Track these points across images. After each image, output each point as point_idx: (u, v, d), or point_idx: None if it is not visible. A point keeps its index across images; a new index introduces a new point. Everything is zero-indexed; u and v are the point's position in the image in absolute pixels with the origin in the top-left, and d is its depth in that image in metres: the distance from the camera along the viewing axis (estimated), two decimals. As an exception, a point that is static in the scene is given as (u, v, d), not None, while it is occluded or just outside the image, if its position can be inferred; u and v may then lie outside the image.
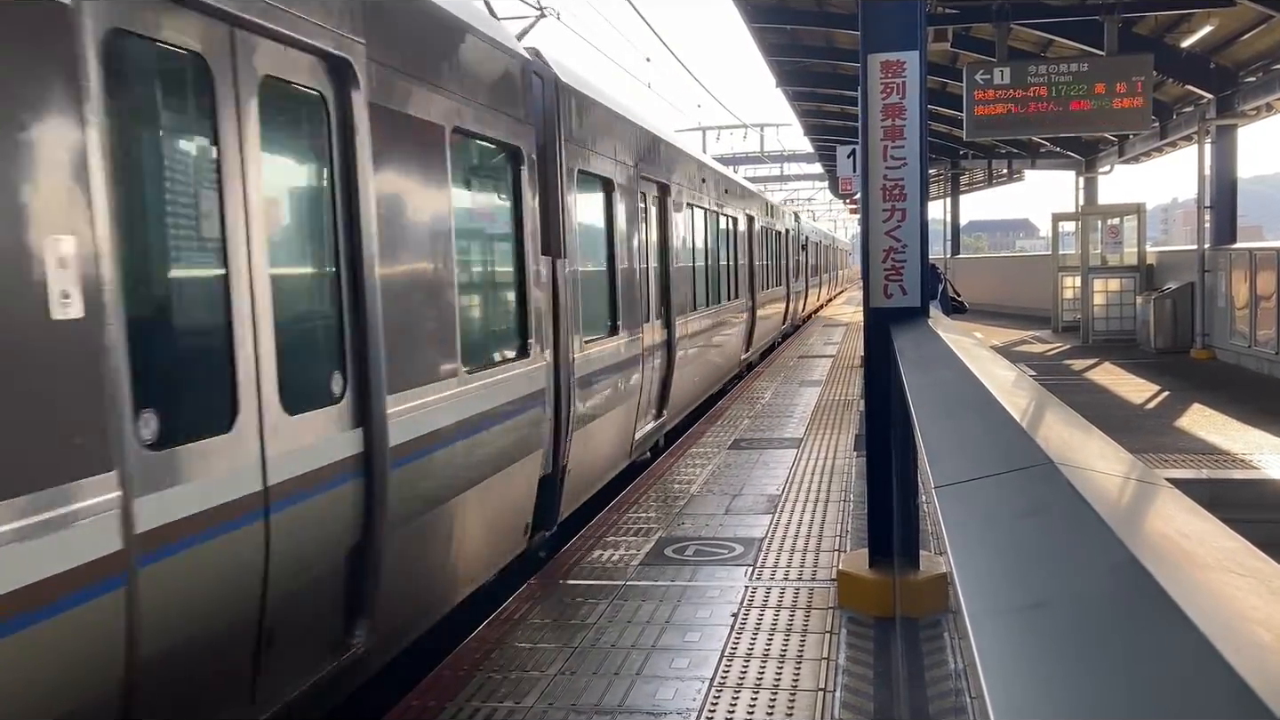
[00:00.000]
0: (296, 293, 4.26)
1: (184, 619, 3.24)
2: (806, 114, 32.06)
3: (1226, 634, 0.83)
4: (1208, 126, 18.19)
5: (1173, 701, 0.76)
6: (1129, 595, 0.97)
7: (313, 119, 4.20)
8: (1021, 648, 0.91)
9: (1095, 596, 1.01)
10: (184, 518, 3.22)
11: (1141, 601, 0.94)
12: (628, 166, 9.45)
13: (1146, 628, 0.90)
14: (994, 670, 0.86)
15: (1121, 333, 21.06)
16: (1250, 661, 0.77)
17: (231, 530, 3.49)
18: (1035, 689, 0.83)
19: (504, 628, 5.54)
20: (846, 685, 4.71)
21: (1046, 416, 2.32)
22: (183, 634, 3.24)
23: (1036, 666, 0.87)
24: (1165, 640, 0.85)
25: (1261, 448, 10.13)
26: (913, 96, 5.80)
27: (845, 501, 8.14)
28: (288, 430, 3.82)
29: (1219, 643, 0.81)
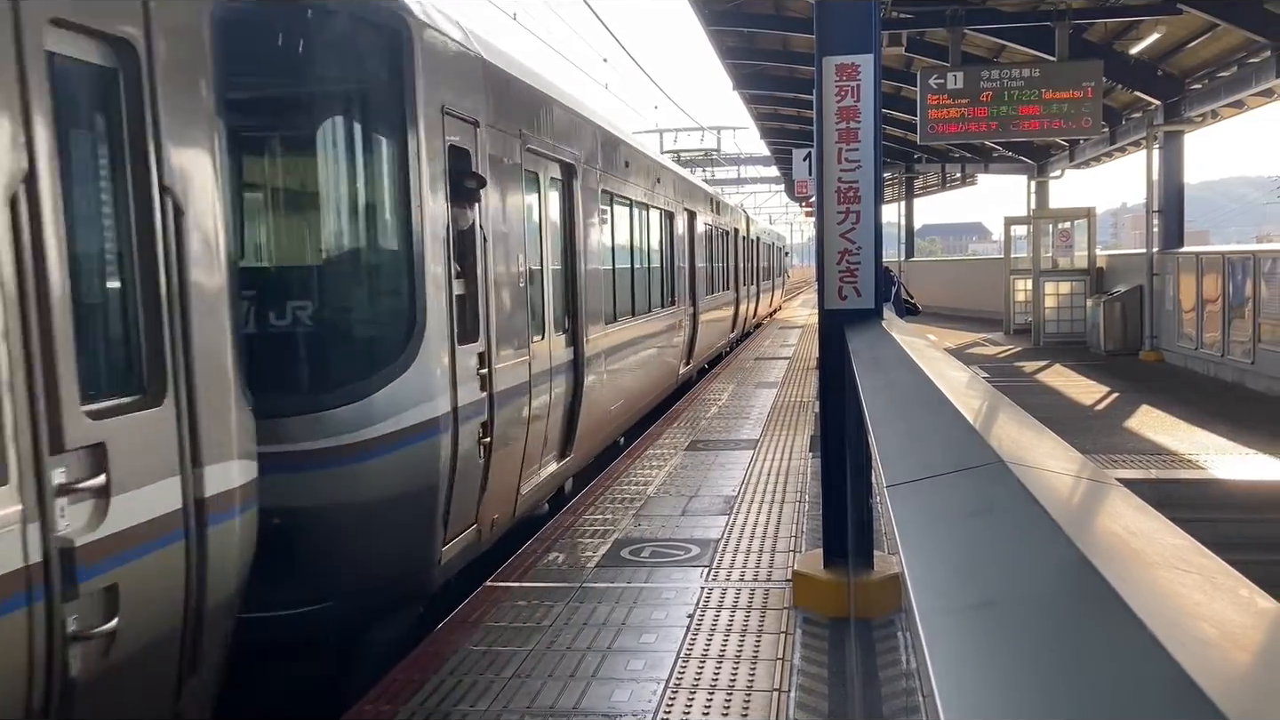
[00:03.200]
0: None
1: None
2: (763, 117, 32.22)
3: (1172, 630, 0.84)
4: (1156, 132, 18.50)
5: (1120, 697, 0.76)
6: (1077, 593, 0.98)
7: None
8: (971, 646, 0.91)
9: (1044, 595, 1.01)
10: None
11: (1089, 599, 0.94)
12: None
13: (1094, 625, 0.90)
14: (944, 669, 0.86)
15: (1072, 335, 21.35)
16: (1195, 657, 0.78)
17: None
18: (985, 687, 0.83)
19: (459, 631, 5.50)
20: (801, 685, 4.73)
21: (998, 417, 2.34)
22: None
23: (986, 664, 0.87)
24: (1112, 637, 0.86)
25: (1208, 448, 10.31)
26: (867, 100, 5.84)
27: (801, 502, 8.18)
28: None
29: (1165, 639, 0.81)
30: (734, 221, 24.07)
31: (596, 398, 9.44)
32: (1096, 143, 22.79)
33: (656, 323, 13.19)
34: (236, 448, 3.87)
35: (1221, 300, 15.22)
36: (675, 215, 15.07)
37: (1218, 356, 15.42)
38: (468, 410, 5.93)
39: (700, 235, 17.40)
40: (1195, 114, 18.13)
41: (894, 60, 20.06)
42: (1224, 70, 17.13)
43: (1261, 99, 17.18)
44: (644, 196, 12.49)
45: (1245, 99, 16.93)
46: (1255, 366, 14.10)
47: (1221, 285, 15.22)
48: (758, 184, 71.29)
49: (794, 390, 15.27)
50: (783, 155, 39.35)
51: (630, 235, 12.00)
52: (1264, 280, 13.85)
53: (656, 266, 13.76)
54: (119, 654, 3.22)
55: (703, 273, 17.60)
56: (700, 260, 17.28)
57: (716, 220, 20.05)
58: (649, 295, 12.88)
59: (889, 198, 36.88)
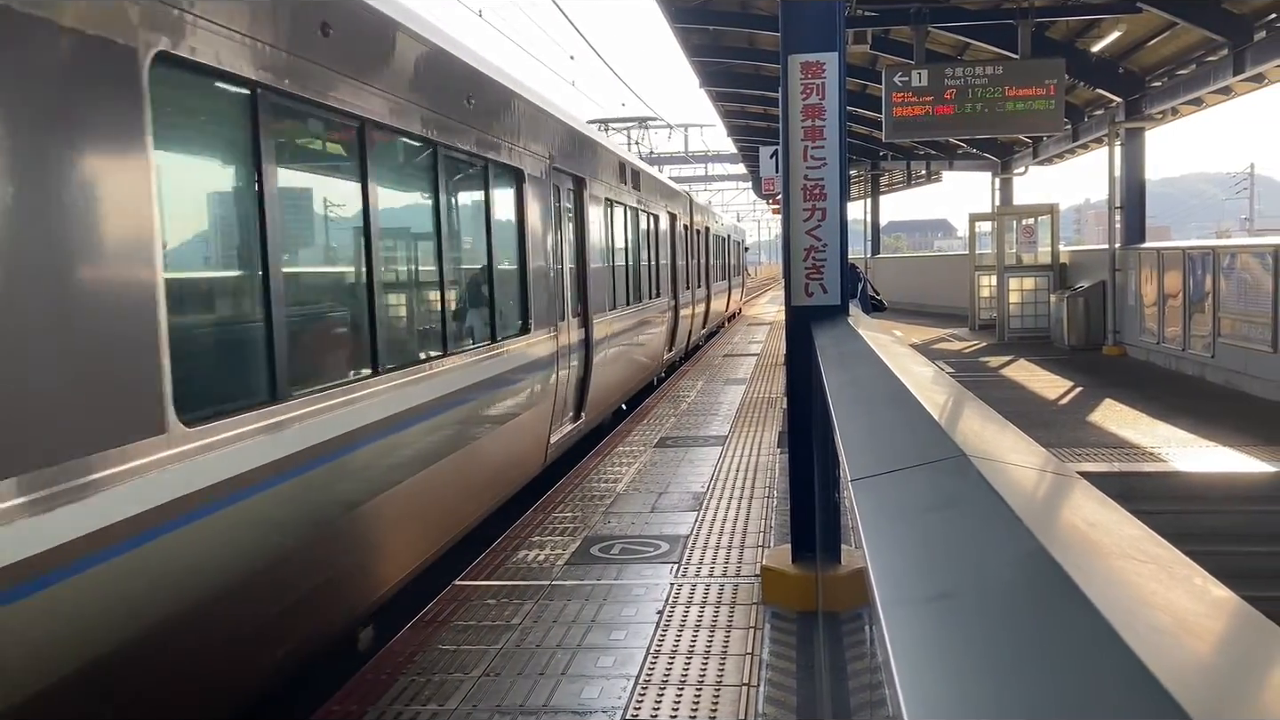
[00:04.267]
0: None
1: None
2: (730, 115, 32.27)
3: (1128, 619, 0.85)
4: (1117, 129, 18.71)
5: (1076, 685, 0.77)
6: (1035, 583, 0.99)
7: None
8: (931, 637, 0.93)
9: (1003, 585, 1.02)
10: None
11: (1047, 589, 0.95)
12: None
13: (1051, 614, 0.91)
14: (905, 660, 0.87)
15: (1036, 330, 21.56)
16: (1149, 645, 0.79)
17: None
18: (944, 676, 0.84)
19: (427, 630, 5.49)
20: (770, 680, 4.75)
21: (961, 411, 2.36)
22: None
23: (946, 655, 0.88)
24: (1069, 626, 0.87)
25: (1170, 441, 10.45)
26: (832, 97, 5.87)
27: (769, 498, 8.21)
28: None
29: (1120, 627, 0.82)
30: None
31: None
32: (1059, 139, 23.01)
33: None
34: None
35: (1182, 295, 15.41)
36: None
37: (1179, 351, 15.62)
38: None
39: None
40: (1155, 111, 18.35)
41: (859, 58, 20.16)
42: (1183, 68, 17.35)
43: (1219, 96, 17.40)
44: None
45: (1204, 96, 17.15)
46: (1215, 360, 14.30)
47: (1182, 280, 15.42)
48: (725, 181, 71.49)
49: (762, 387, 15.32)
50: (750, 153, 39.45)
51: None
52: (1223, 275, 14.05)
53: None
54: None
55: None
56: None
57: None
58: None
59: (855, 195, 37.09)
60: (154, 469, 3.54)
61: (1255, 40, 14.69)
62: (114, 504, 3.34)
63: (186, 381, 3.78)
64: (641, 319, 14.26)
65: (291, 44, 4.61)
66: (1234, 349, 13.70)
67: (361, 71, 5.31)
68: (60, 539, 3.11)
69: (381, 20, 5.65)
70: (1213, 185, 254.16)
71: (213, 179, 4.73)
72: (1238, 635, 0.91)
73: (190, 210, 4.52)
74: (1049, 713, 0.75)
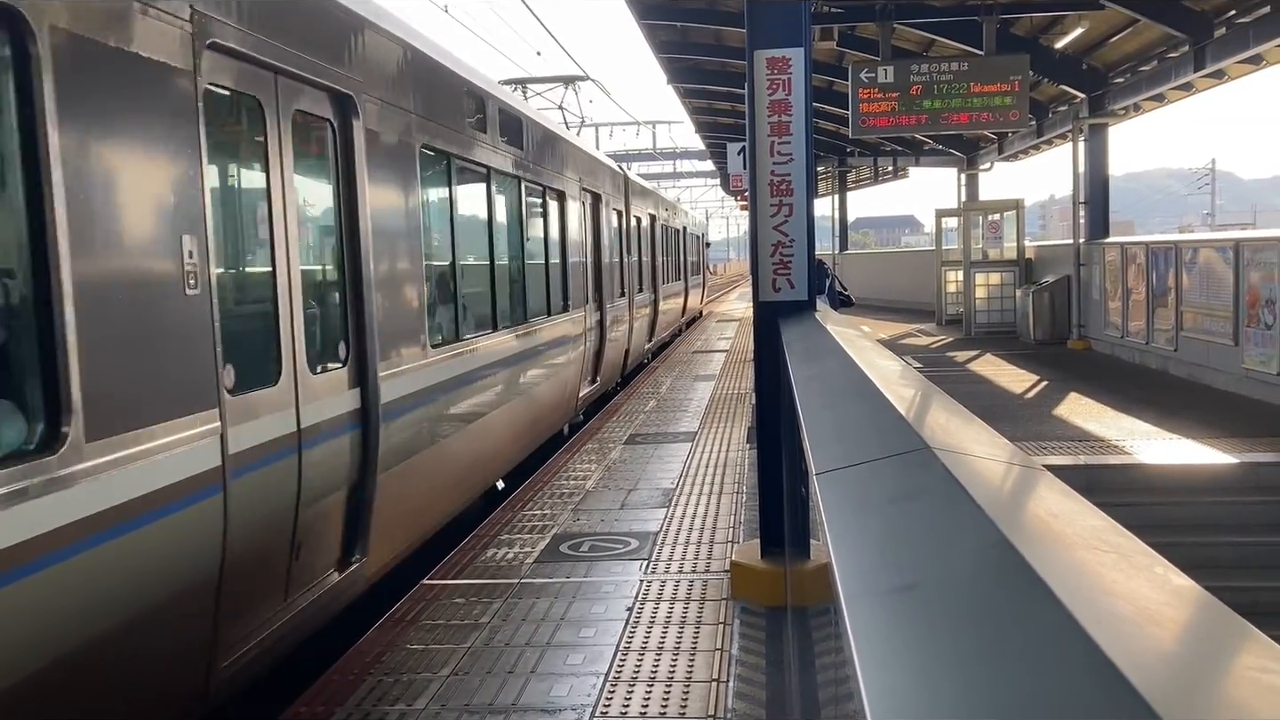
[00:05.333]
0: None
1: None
2: (698, 111, 32.32)
3: (1089, 608, 0.85)
4: (1081, 125, 18.89)
5: (1036, 674, 0.77)
6: (997, 574, 0.99)
7: None
8: (893, 629, 0.92)
9: (965, 576, 1.02)
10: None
11: (1009, 580, 0.95)
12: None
13: (1013, 605, 0.91)
14: (866, 651, 0.87)
15: (1002, 325, 21.74)
16: (1110, 633, 0.79)
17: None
18: (905, 667, 0.83)
19: (395, 630, 5.45)
20: (740, 675, 4.75)
21: (926, 405, 2.36)
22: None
23: (907, 646, 0.87)
24: (1031, 616, 0.87)
25: (1134, 434, 10.56)
26: (798, 93, 5.88)
27: (738, 493, 8.22)
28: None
29: (1082, 617, 0.82)
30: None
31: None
32: (1024, 135, 23.21)
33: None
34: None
35: (1146, 289, 15.59)
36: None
37: (1142, 344, 15.79)
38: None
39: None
40: (1118, 107, 18.54)
41: (826, 55, 20.24)
42: (1145, 65, 17.54)
43: (1181, 93, 17.61)
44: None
45: (1165, 92, 17.35)
46: (1178, 354, 14.47)
47: (1145, 275, 15.59)
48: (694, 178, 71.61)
49: (731, 383, 15.35)
50: (718, 150, 39.52)
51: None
52: (1186, 269, 14.21)
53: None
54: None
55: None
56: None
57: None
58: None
59: (823, 191, 37.25)
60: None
61: (1215, 37, 14.87)
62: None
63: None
64: (526, 346, 9.50)
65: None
66: (1196, 342, 13.87)
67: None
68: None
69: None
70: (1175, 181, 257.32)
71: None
72: (1199, 624, 0.91)
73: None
74: (1011, 703, 0.74)
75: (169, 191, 3.94)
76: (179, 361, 3.92)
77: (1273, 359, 11.71)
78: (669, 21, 20.27)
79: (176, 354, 3.92)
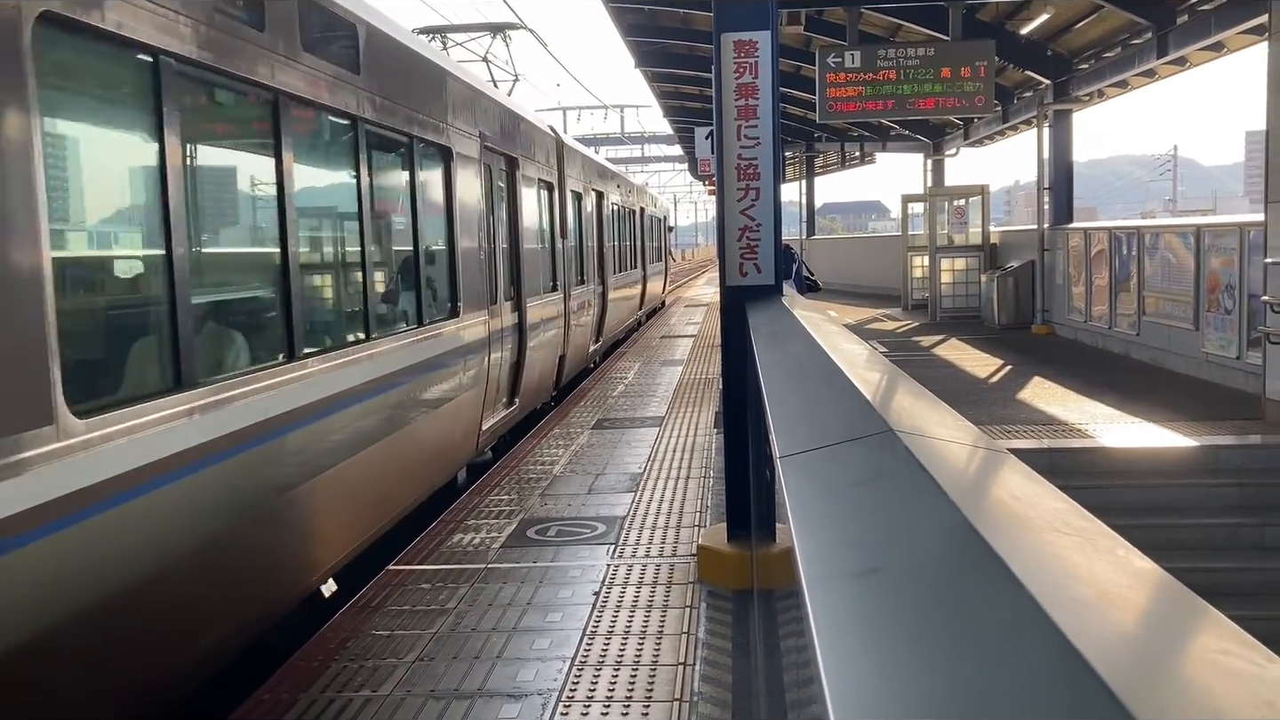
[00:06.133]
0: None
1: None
2: (665, 95, 32.23)
3: (1051, 591, 0.84)
4: (1046, 111, 19.01)
5: (998, 658, 0.76)
6: (960, 558, 0.98)
7: None
8: (855, 612, 0.91)
9: (927, 559, 1.01)
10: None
11: (972, 563, 0.94)
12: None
13: (975, 588, 0.90)
14: (827, 635, 0.86)
15: (967, 310, 21.88)
16: (1072, 617, 0.78)
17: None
18: (865, 651, 0.82)
19: (360, 616, 5.42)
20: (706, 659, 4.76)
21: (892, 389, 2.36)
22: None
23: (868, 630, 0.87)
24: (993, 600, 0.86)
25: (1096, 418, 10.67)
26: (765, 76, 5.87)
27: (706, 477, 8.24)
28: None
29: (1044, 600, 0.81)
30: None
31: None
32: (989, 121, 23.33)
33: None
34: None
35: (1108, 274, 15.73)
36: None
37: (1105, 329, 15.95)
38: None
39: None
40: (1083, 93, 18.67)
41: (793, 39, 20.23)
42: (1109, 51, 17.67)
43: (1144, 79, 17.76)
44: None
45: (1129, 79, 17.49)
46: (1140, 338, 14.63)
47: (1108, 260, 15.74)
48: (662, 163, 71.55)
49: (699, 368, 15.36)
50: (685, 134, 39.46)
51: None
52: (1148, 255, 14.36)
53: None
54: None
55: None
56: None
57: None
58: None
59: (790, 177, 37.31)
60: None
61: (1178, 24, 15.00)
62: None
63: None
64: (368, 377, 6.35)
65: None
66: (1158, 327, 14.02)
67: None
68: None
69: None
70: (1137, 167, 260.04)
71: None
72: (1159, 606, 0.91)
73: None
74: (972, 687, 0.74)
75: None
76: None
77: (1232, 343, 11.86)
78: (636, 5, 20.19)
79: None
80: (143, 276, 4.73)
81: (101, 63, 4.23)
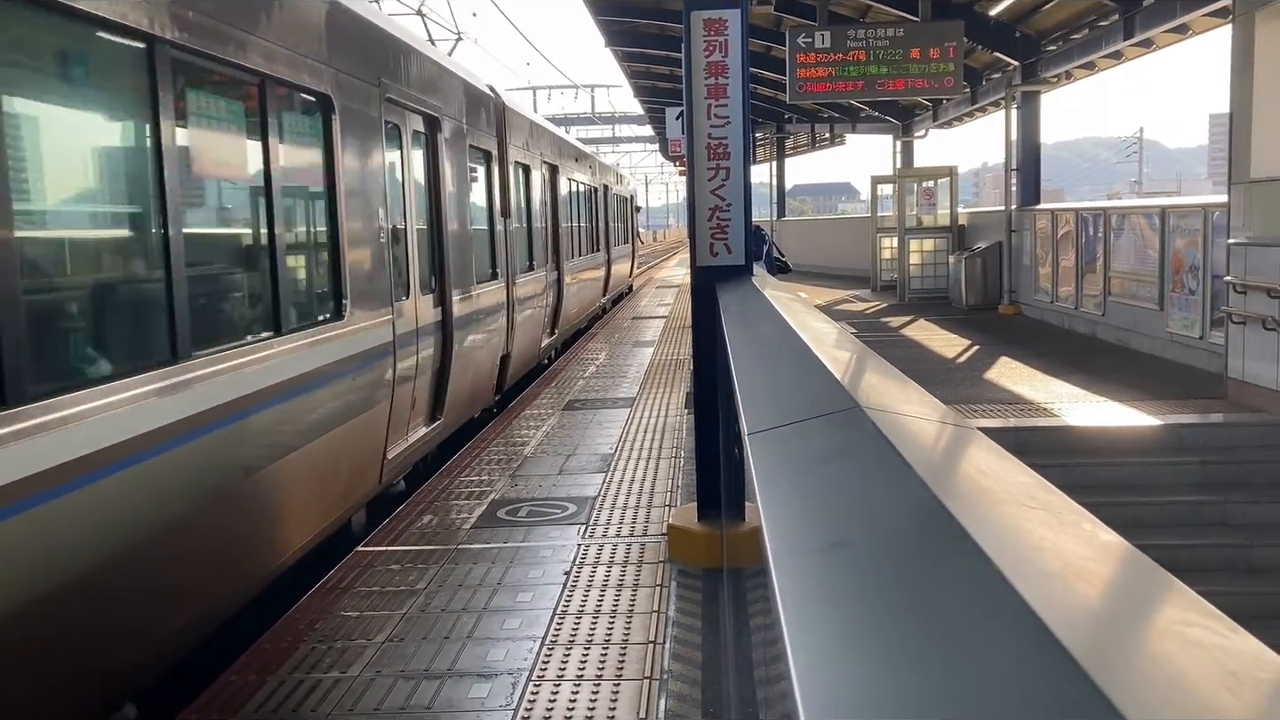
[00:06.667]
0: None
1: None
2: (636, 75, 32.12)
3: (1017, 564, 0.84)
4: (1014, 92, 19.09)
5: (963, 629, 0.76)
6: (926, 532, 0.98)
7: None
8: (821, 587, 0.91)
9: (894, 534, 1.01)
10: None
11: (938, 538, 0.94)
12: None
13: (942, 562, 0.90)
14: (793, 610, 0.85)
15: (935, 290, 22.00)
16: (1038, 589, 0.78)
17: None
18: (832, 624, 0.82)
19: (329, 597, 5.39)
20: (676, 637, 4.78)
21: (859, 367, 2.37)
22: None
23: (834, 604, 0.86)
24: (959, 573, 0.86)
25: (1063, 397, 10.77)
26: (735, 55, 5.85)
27: (677, 458, 8.25)
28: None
29: (1010, 573, 0.81)
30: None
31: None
32: (958, 102, 23.41)
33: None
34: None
35: (1075, 255, 15.86)
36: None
37: (1071, 309, 16.09)
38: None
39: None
40: (1051, 75, 18.76)
41: (763, 19, 20.19)
42: (1077, 33, 17.75)
43: (1111, 61, 17.86)
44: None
45: (1096, 60, 17.58)
46: (1106, 318, 14.76)
47: (1075, 241, 15.86)
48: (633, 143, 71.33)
49: (670, 349, 15.37)
50: (656, 114, 39.35)
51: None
52: (1114, 236, 14.48)
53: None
54: None
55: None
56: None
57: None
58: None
59: (760, 158, 37.32)
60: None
61: (1144, 5, 15.08)
62: None
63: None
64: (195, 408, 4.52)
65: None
66: (1123, 307, 14.16)
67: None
68: None
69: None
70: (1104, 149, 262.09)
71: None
72: (1125, 579, 0.91)
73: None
74: (937, 659, 0.73)
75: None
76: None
77: (1196, 323, 12.00)
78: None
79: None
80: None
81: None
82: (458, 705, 4.14)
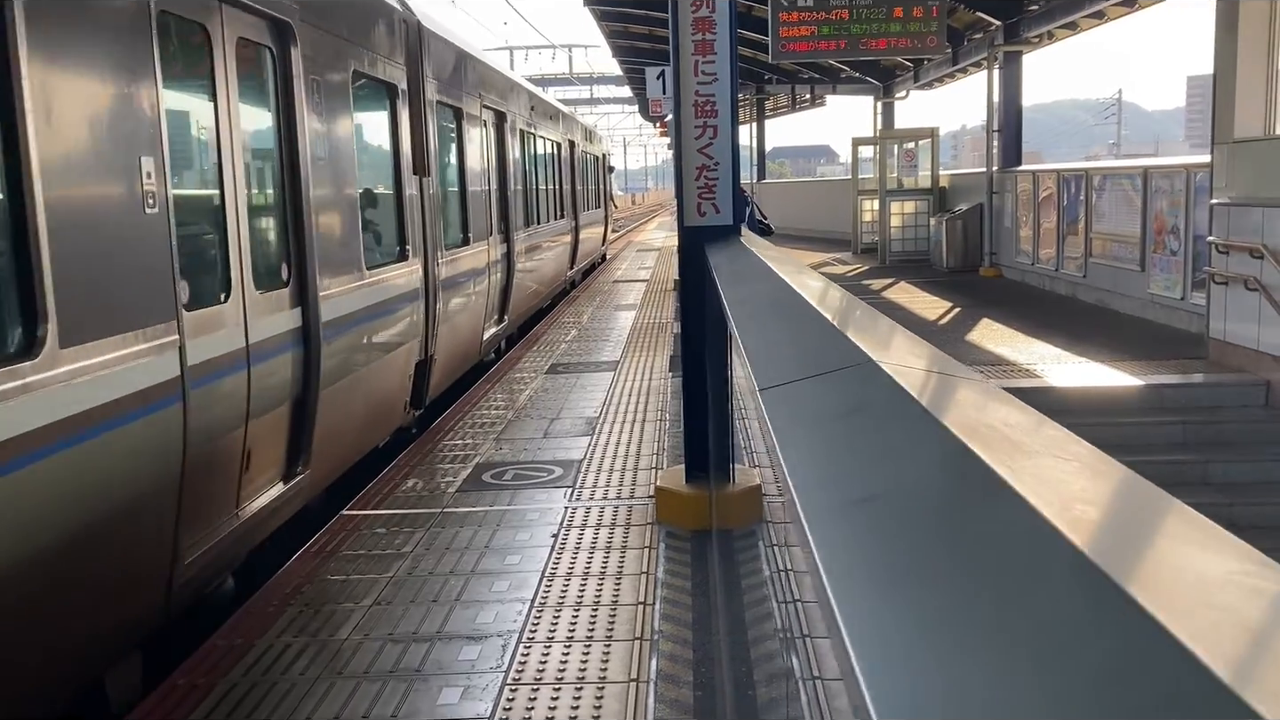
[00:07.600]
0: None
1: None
2: (615, 35, 31.79)
3: (1061, 512, 0.81)
4: (996, 53, 19.00)
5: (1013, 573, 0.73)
6: (961, 481, 0.95)
7: None
8: (858, 540, 0.88)
9: (928, 485, 0.98)
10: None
11: (975, 486, 0.92)
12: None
13: (982, 511, 0.87)
14: (831, 563, 0.82)
15: (916, 253, 21.99)
16: (1085, 534, 0.76)
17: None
18: (873, 574, 0.79)
19: (315, 561, 5.36)
20: (665, 598, 4.77)
21: (861, 321, 2.34)
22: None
23: (873, 554, 0.84)
24: (1002, 520, 0.83)
25: (1045, 358, 10.81)
26: (722, 10, 5.77)
27: (662, 420, 8.23)
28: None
29: (1055, 520, 0.79)
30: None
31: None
32: (940, 63, 23.30)
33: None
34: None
35: (1056, 217, 15.86)
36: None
37: (1052, 271, 16.12)
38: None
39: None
40: (1033, 34, 18.67)
41: (745, -22, 19.99)
42: (1059, -7, 17.65)
43: (1093, 20, 17.79)
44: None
45: (1078, 20, 17.51)
46: (1087, 280, 14.80)
47: (1056, 202, 15.86)
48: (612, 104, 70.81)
49: (653, 312, 15.32)
50: (636, 75, 39.00)
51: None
52: (1095, 197, 14.49)
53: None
54: None
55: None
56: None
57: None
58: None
59: (741, 119, 37.07)
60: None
61: (1128, -35, 15.02)
62: None
63: None
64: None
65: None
66: (1105, 268, 14.19)
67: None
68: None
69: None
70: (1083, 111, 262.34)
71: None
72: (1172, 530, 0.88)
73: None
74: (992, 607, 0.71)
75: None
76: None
77: (1177, 284, 12.04)
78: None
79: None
80: None
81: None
82: (448, 667, 4.13)
